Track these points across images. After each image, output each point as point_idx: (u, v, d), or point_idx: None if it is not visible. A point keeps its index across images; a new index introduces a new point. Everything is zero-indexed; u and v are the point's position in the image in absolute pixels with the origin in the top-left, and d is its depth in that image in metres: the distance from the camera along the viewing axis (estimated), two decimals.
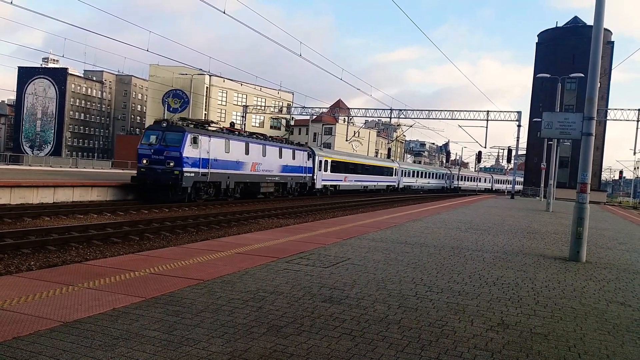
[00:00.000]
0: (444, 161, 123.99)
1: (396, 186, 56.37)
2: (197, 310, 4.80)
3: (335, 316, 4.88)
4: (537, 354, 4.15)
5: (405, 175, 59.24)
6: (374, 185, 50.24)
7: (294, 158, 33.23)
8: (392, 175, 55.25)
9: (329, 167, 39.69)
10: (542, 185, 41.05)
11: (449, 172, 78.57)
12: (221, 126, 28.06)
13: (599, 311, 5.72)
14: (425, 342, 4.28)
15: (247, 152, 27.39)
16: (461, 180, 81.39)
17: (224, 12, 22.46)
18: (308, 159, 35.51)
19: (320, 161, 37.96)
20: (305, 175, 35.12)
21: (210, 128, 25.46)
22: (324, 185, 39.12)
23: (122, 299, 5.03)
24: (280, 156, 31.25)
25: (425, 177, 67.22)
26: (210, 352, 3.77)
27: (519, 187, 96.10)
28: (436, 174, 72.79)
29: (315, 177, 36.93)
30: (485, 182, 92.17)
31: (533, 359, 4.03)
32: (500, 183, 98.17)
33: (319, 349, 3.97)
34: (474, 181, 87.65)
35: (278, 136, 42.57)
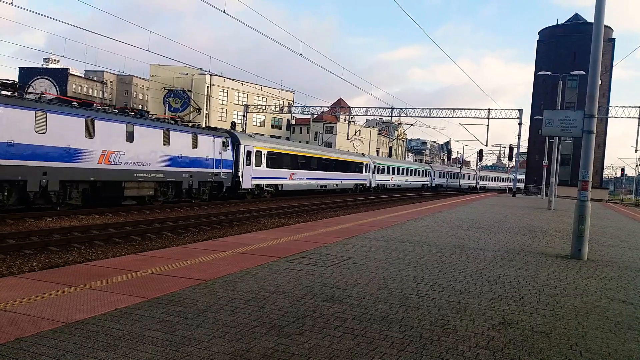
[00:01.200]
0: (445, 159, 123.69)
1: (367, 185, 48.04)
2: (199, 311, 4.81)
3: (337, 315, 4.88)
4: (538, 353, 4.15)
5: (378, 172, 50.86)
6: (337, 184, 41.22)
7: (195, 146, 23.56)
8: (362, 172, 46.27)
9: (263, 161, 29.85)
10: (544, 183, 41.01)
11: (430, 168, 71.11)
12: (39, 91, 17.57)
13: (601, 309, 5.71)
14: (426, 341, 4.28)
15: (90, 134, 17.86)
16: (445, 177, 74.39)
17: (224, 12, 22.45)
18: (224, 148, 25.89)
19: (249, 152, 28.32)
20: (218, 171, 25.34)
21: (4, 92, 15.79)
22: (257, 185, 29.56)
23: (124, 300, 5.04)
24: (167, 142, 21.70)
25: (403, 173, 59.20)
26: (212, 352, 3.78)
27: (509, 184, 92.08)
28: (416, 170, 64.87)
29: (241, 174, 27.55)
30: (470, 179, 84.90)
31: (535, 358, 4.03)
32: (487, 180, 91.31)
33: (321, 349, 3.97)
34: (458, 178, 79.36)
35: (277, 135, 39.56)
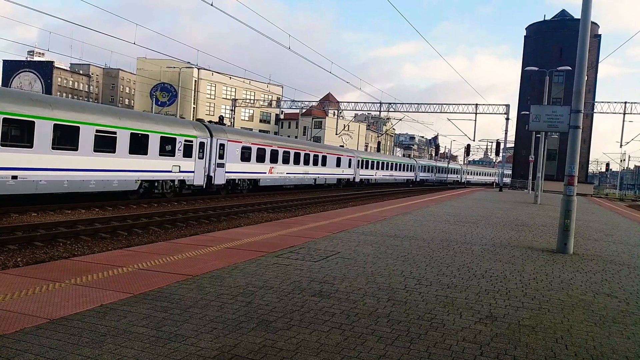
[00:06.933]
0: (433, 154, 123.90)
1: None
2: (186, 306, 4.77)
3: (325, 310, 4.88)
4: (525, 346, 4.18)
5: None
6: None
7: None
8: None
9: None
10: (530, 177, 41.36)
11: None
12: None
13: (586, 303, 5.78)
14: (414, 336, 4.29)
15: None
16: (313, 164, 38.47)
17: (212, 5, 22.22)
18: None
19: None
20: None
21: None
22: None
23: (110, 295, 4.99)
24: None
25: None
26: (199, 348, 3.75)
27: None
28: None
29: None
30: (351, 166, 45.69)
31: (521, 351, 4.06)
32: (374, 168, 51.70)
33: (309, 344, 3.97)
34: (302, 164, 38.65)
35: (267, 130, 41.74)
